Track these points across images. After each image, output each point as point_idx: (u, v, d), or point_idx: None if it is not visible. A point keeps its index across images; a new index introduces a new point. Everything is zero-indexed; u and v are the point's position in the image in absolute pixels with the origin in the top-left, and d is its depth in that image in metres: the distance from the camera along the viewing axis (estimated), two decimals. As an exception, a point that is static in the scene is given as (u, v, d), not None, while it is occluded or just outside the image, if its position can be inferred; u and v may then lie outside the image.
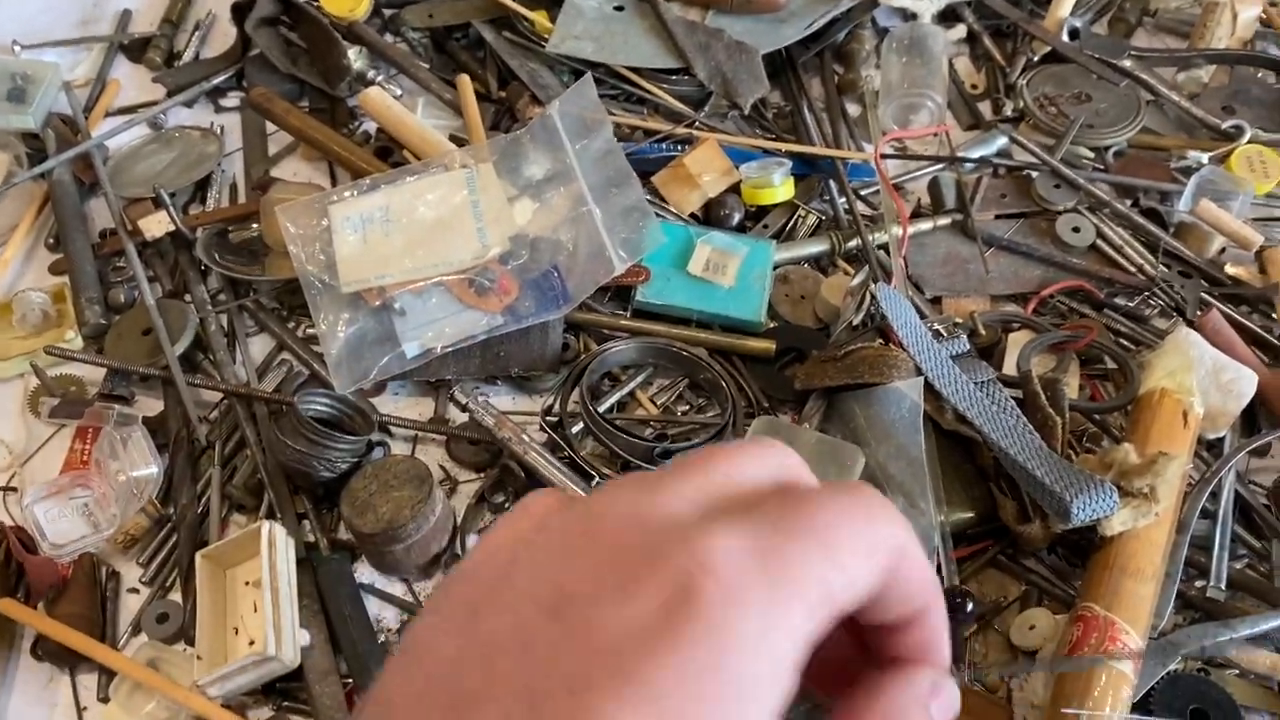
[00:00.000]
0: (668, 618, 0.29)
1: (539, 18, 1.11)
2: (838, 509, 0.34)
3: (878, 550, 0.34)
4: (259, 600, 0.75)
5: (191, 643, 0.74)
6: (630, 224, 0.89)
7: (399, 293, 0.88)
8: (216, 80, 1.10)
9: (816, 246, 0.96)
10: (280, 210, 0.90)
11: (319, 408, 0.82)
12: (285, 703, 0.73)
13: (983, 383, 0.84)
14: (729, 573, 0.29)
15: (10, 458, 0.84)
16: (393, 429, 0.87)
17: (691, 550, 0.30)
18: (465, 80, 1.02)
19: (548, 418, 0.84)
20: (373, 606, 0.77)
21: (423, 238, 0.90)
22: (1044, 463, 0.74)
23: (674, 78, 1.09)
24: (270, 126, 1.07)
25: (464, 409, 0.82)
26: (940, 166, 1.03)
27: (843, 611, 0.32)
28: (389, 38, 1.14)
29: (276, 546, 0.74)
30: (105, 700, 0.73)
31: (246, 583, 0.76)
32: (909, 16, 1.15)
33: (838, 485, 0.36)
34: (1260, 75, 1.11)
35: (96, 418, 0.80)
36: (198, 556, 0.75)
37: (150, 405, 0.88)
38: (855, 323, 0.89)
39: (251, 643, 0.73)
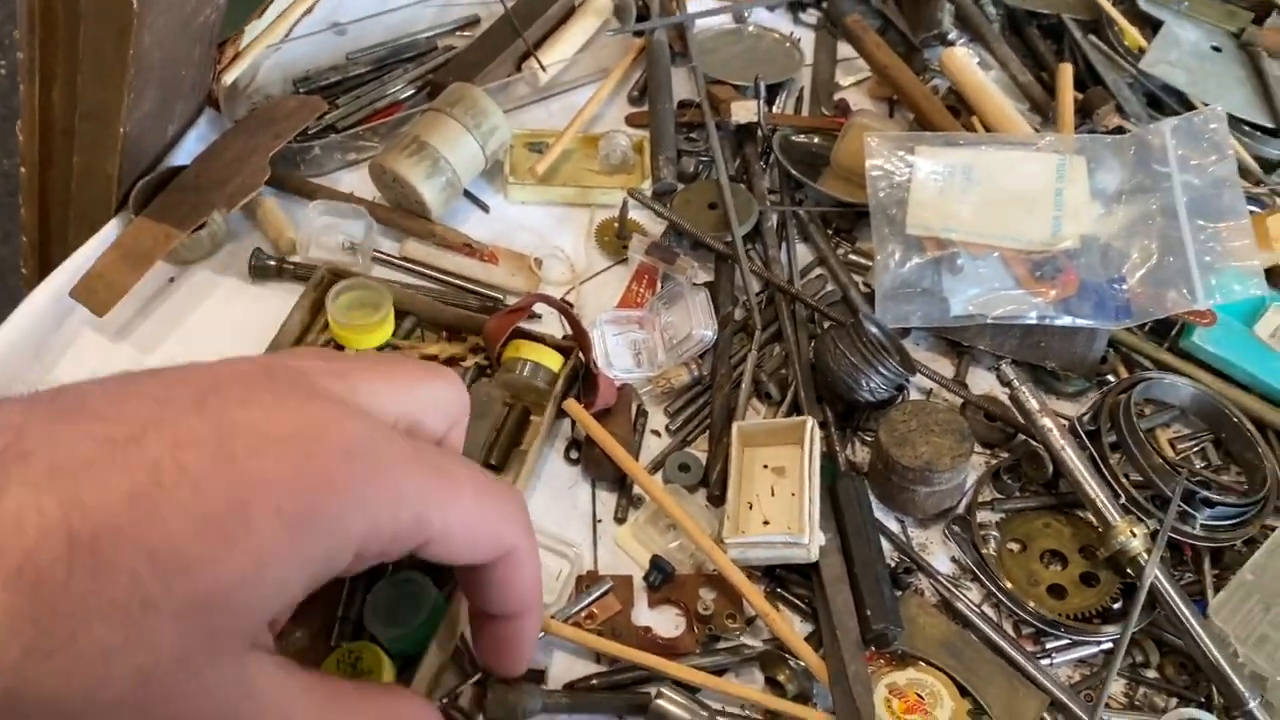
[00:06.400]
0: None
1: (1131, 31, 1.09)
2: (475, 487, 0.45)
3: (493, 539, 0.46)
4: (777, 486, 0.78)
5: (710, 499, 0.78)
6: (1217, 264, 0.86)
7: (959, 250, 0.89)
8: (804, -7, 1.14)
9: (1381, 352, 0.90)
10: (870, 136, 0.92)
11: (874, 331, 0.84)
12: (779, 590, 0.76)
13: None
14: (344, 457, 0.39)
15: (572, 275, 0.90)
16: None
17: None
18: (1067, 69, 1.01)
19: (1082, 424, 0.83)
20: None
21: (998, 206, 0.90)
22: None
23: (1250, 132, 1.05)
24: (841, 55, 1.10)
25: (1008, 385, 0.82)
26: None
27: (390, 550, 0.42)
28: (965, 5, 1.15)
29: (814, 444, 0.77)
30: (621, 521, 0.78)
31: (765, 466, 0.79)
32: None
33: (493, 482, 0.47)
34: None
35: (680, 270, 0.85)
36: (735, 427, 0.79)
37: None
38: None
39: (766, 523, 0.76)
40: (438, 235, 0.89)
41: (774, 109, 1.05)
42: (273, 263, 0.86)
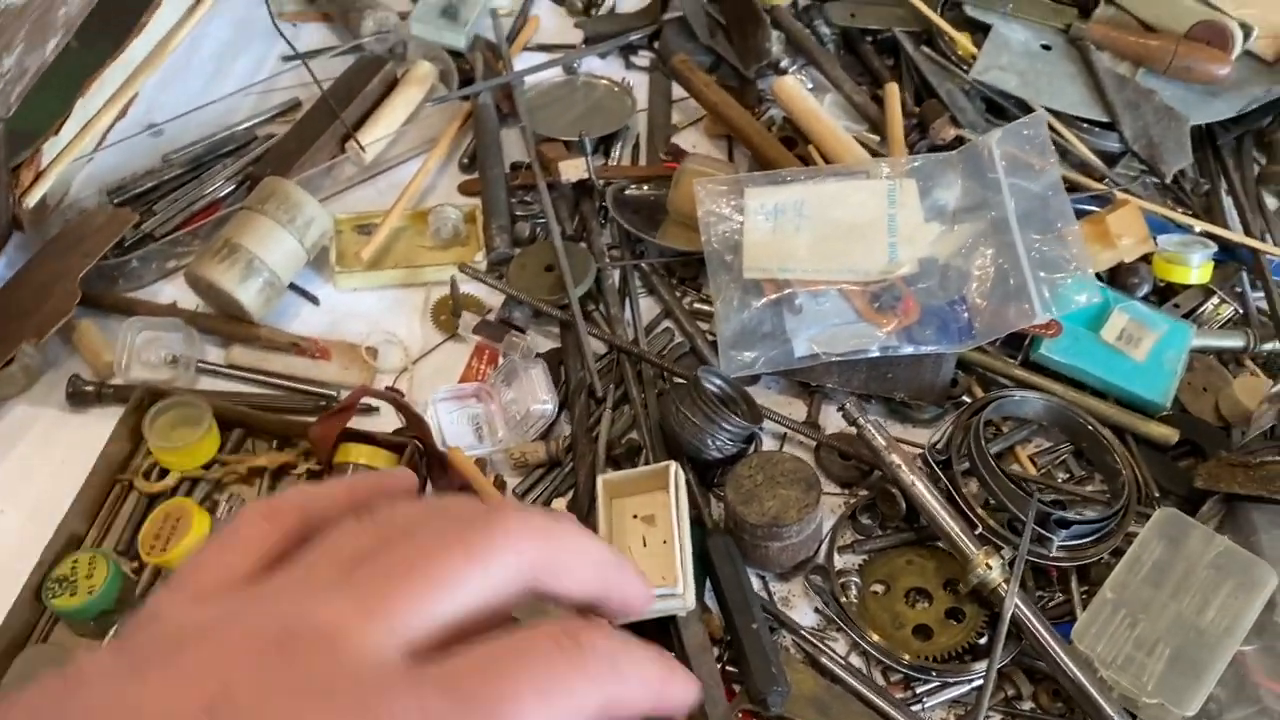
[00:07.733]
0: None
1: (962, 39, 1.08)
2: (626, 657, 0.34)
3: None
4: (648, 535, 0.76)
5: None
6: (1054, 275, 0.85)
7: (797, 290, 0.88)
8: (633, 36, 1.12)
9: (1230, 340, 0.90)
10: (698, 184, 0.91)
11: (714, 386, 0.82)
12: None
13: None
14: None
15: (405, 358, 0.88)
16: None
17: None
18: (894, 89, 1.00)
19: (933, 453, 0.82)
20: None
21: (832, 240, 0.89)
22: None
23: (1089, 128, 1.04)
24: (677, 94, 1.08)
25: (854, 424, 0.80)
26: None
27: None
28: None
29: (680, 489, 0.75)
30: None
31: (635, 516, 0.77)
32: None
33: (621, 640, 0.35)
34: None
35: (512, 346, 0.83)
36: (600, 479, 0.76)
37: (539, 342, 0.90)
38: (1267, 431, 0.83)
39: (639, 574, 0.74)
40: (262, 338, 0.86)
41: (611, 159, 1.03)
42: (91, 388, 0.83)
